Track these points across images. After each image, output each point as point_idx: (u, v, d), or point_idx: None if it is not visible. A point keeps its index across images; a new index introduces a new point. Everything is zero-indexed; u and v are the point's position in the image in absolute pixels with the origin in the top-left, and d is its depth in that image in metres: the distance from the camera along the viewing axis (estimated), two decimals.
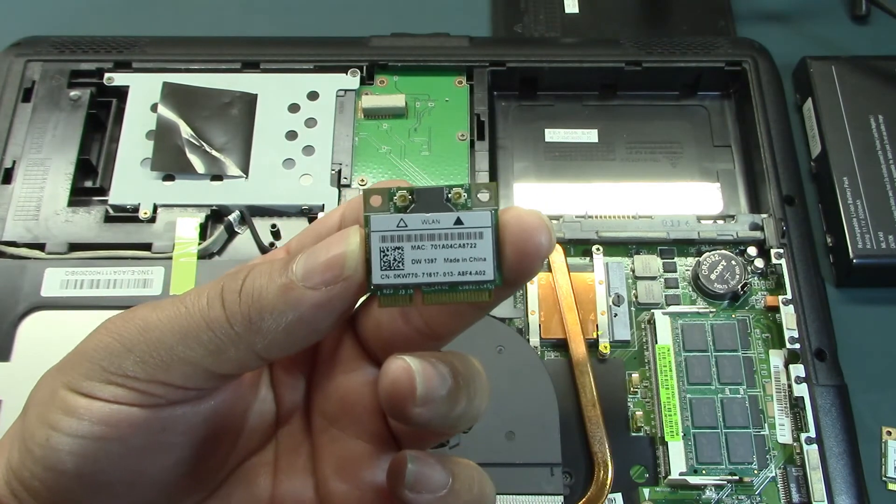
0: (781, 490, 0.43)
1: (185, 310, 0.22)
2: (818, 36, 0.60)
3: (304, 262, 0.21)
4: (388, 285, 0.21)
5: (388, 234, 0.21)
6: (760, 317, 0.47)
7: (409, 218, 0.21)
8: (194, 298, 0.22)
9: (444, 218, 0.21)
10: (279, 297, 0.21)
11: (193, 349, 0.22)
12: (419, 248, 0.21)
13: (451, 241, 0.21)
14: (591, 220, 0.49)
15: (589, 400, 0.44)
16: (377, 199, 0.22)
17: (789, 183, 0.50)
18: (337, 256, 0.21)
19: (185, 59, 0.54)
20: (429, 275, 0.21)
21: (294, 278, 0.21)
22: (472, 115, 0.53)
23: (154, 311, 0.22)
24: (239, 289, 0.22)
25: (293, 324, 0.21)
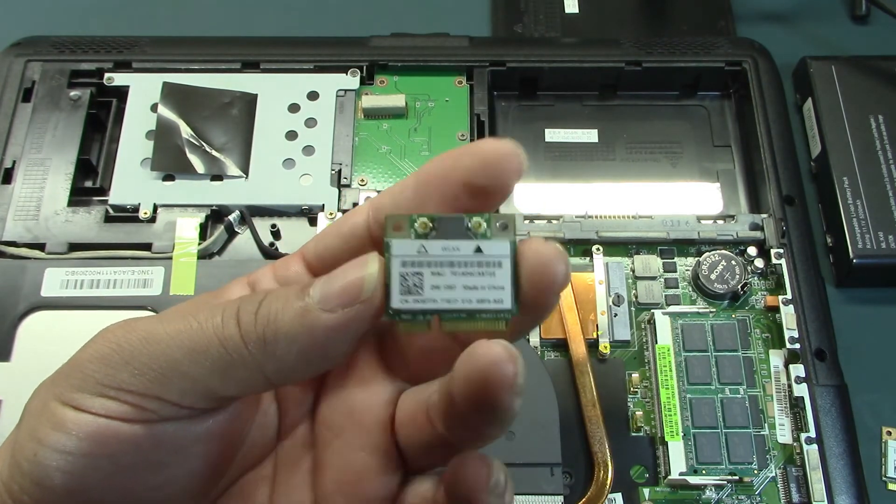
0: (781, 490, 0.43)
1: (196, 325, 0.21)
2: (818, 36, 0.60)
3: (322, 286, 0.21)
4: (407, 310, 0.21)
5: (409, 260, 0.22)
6: (760, 317, 0.47)
7: (429, 244, 0.22)
8: (208, 315, 0.21)
9: (464, 245, 0.22)
10: (295, 319, 0.21)
11: (201, 366, 0.21)
12: (439, 274, 0.21)
13: (470, 269, 0.21)
14: (591, 220, 0.49)
15: (589, 400, 0.44)
16: (399, 224, 0.22)
17: (789, 183, 0.50)
18: (355, 280, 0.21)
19: (185, 59, 0.54)
20: (447, 301, 0.21)
21: (311, 301, 0.21)
22: (472, 115, 0.53)
23: (161, 323, 0.22)
24: (255, 310, 0.21)
25: (307, 348, 0.21)
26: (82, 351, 0.22)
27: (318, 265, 0.24)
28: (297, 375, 0.22)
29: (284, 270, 0.25)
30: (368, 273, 0.21)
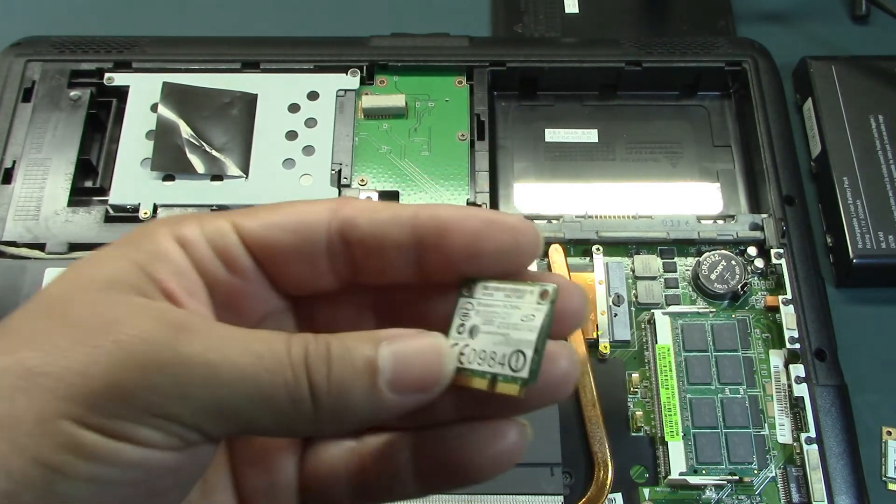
0: (781, 490, 0.43)
1: (267, 376, 0.20)
2: (818, 36, 0.60)
3: (394, 365, 0.20)
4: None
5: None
6: (760, 317, 0.47)
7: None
8: (275, 362, 0.20)
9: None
10: (365, 396, 0.20)
11: (259, 411, 0.20)
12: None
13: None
14: (591, 220, 0.49)
15: (589, 400, 0.44)
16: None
17: (789, 183, 0.50)
18: (434, 372, 0.21)
19: (185, 59, 0.54)
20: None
21: (382, 381, 0.20)
22: (472, 115, 0.53)
23: (220, 353, 0.19)
24: (327, 373, 0.20)
25: (365, 422, 0.21)
26: (108, 365, 0.19)
27: (261, 253, 0.23)
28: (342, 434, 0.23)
29: (219, 238, 0.22)
30: (446, 367, 0.21)
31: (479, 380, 0.21)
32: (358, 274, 0.23)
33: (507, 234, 0.21)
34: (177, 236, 0.22)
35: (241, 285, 0.23)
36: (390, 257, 0.22)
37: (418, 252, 0.22)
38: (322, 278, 0.23)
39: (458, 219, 0.21)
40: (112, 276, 0.21)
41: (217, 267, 0.22)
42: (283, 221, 0.22)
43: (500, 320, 0.21)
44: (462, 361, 0.21)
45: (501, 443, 0.22)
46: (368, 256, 0.22)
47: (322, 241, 0.22)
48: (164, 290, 0.21)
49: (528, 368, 0.20)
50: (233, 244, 0.22)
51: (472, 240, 0.21)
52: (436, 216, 0.22)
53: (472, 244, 0.21)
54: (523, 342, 0.21)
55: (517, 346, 0.21)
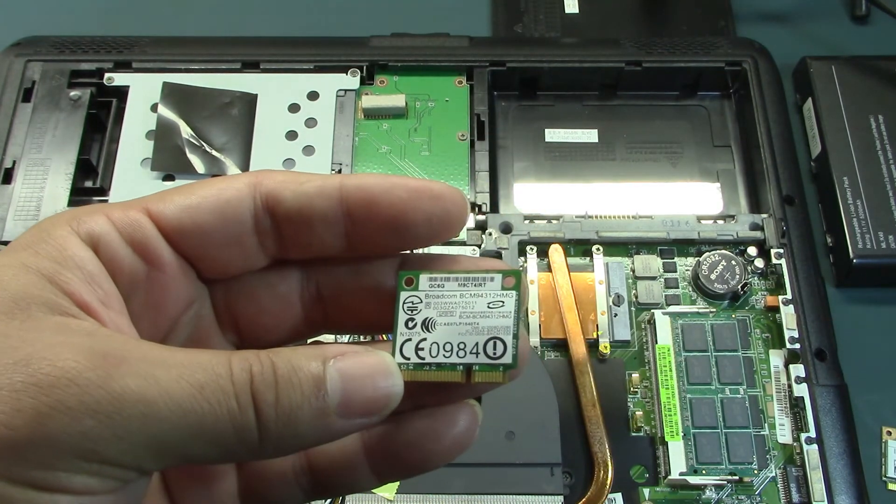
0: (781, 490, 0.43)
1: (208, 406, 0.18)
2: (818, 36, 0.60)
3: (342, 388, 0.19)
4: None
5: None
6: (760, 317, 0.47)
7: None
8: (217, 392, 0.18)
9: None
10: (313, 422, 0.19)
11: (205, 451, 0.18)
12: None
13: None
14: (591, 220, 0.49)
15: (589, 400, 0.44)
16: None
17: (789, 183, 0.50)
18: (383, 395, 0.20)
19: (185, 59, 0.54)
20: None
21: (330, 405, 0.19)
22: (472, 115, 0.53)
23: (156, 386, 0.18)
24: (275, 400, 0.19)
25: (309, 446, 0.20)
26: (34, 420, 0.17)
27: (182, 241, 0.21)
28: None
29: (134, 231, 0.21)
30: (395, 389, 0.20)
31: (451, 373, 0.20)
32: (285, 249, 0.22)
33: (434, 202, 0.21)
34: (84, 235, 0.20)
35: (161, 279, 0.21)
36: (318, 231, 0.21)
37: (347, 224, 0.21)
38: (250, 258, 0.22)
39: (385, 189, 0.21)
40: (17, 294, 0.18)
41: (134, 263, 0.21)
42: (202, 203, 0.21)
43: (461, 311, 0.21)
44: (422, 357, 0.21)
45: (456, 428, 0.22)
46: (296, 231, 0.21)
47: (247, 220, 0.21)
48: (77, 303, 0.19)
49: (511, 354, 0.20)
50: (150, 236, 0.21)
51: (400, 210, 0.21)
52: (362, 186, 0.21)
53: (400, 214, 0.21)
54: (499, 329, 0.20)
55: (492, 334, 0.20)
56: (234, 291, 0.23)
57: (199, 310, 0.23)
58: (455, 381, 0.20)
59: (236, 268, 0.22)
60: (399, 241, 0.21)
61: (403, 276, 0.22)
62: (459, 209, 0.21)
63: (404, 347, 0.21)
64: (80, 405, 0.17)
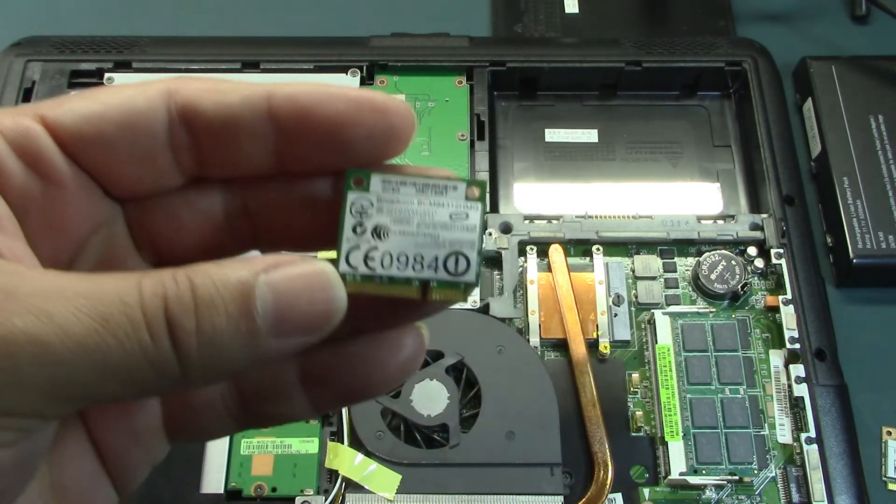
0: (781, 490, 0.43)
1: (113, 341, 0.16)
2: (818, 36, 0.60)
3: (274, 305, 0.17)
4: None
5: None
6: (760, 317, 0.47)
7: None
8: (124, 322, 0.16)
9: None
10: (241, 347, 0.17)
11: (117, 390, 0.16)
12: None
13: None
14: (591, 220, 0.49)
15: (589, 400, 0.44)
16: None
17: (789, 183, 0.50)
18: (322, 312, 0.17)
19: (185, 59, 0.54)
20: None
21: (260, 325, 0.16)
22: (472, 115, 0.53)
23: (50, 324, 0.15)
24: (194, 325, 0.16)
25: (240, 371, 0.17)
26: None
27: (82, 153, 0.19)
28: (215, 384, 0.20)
29: (25, 141, 0.18)
30: (337, 304, 0.17)
31: (404, 287, 0.18)
32: (205, 167, 0.20)
33: (377, 115, 0.18)
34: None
35: (60, 198, 0.19)
36: (243, 147, 0.19)
37: (277, 140, 0.19)
38: (163, 176, 0.19)
39: (320, 100, 0.18)
40: None
41: (26, 179, 0.18)
42: (106, 111, 0.18)
43: (419, 219, 0.18)
44: (372, 267, 0.18)
45: (401, 353, 0.20)
46: (217, 146, 0.19)
47: (160, 132, 0.18)
48: None
49: (474, 271, 0.18)
50: (45, 147, 0.18)
51: (337, 124, 0.18)
52: (293, 97, 0.18)
53: (338, 129, 0.18)
54: (462, 243, 0.18)
55: (454, 248, 0.18)
56: (149, 209, 0.20)
57: (110, 230, 0.20)
58: (409, 296, 0.18)
59: (147, 186, 0.20)
60: (336, 158, 0.19)
61: (352, 174, 0.19)
62: (405, 123, 0.19)
63: (351, 255, 0.18)
64: None
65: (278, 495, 0.42)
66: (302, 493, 0.42)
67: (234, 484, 0.42)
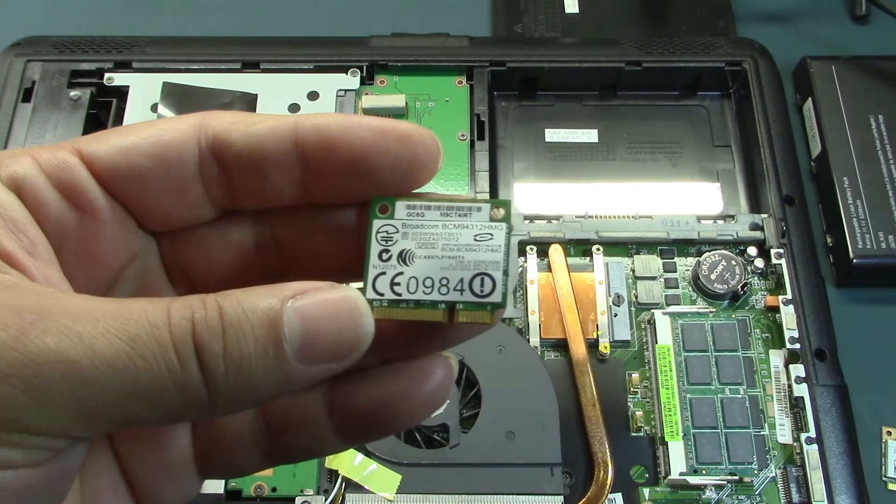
0: (781, 490, 0.43)
1: (143, 363, 0.16)
2: (818, 36, 0.60)
3: (302, 331, 0.17)
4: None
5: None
6: (760, 317, 0.47)
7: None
8: (152, 345, 0.16)
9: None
10: (268, 372, 0.17)
11: (146, 412, 0.16)
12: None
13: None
14: (591, 220, 0.49)
15: (589, 400, 0.44)
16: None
17: (789, 183, 0.50)
18: (350, 339, 0.17)
19: (185, 59, 0.54)
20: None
21: (288, 352, 0.17)
22: (472, 115, 0.53)
23: (79, 344, 0.16)
24: (222, 350, 0.16)
25: (268, 398, 0.18)
26: None
27: (117, 186, 0.19)
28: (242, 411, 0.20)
29: (62, 173, 0.18)
30: (364, 329, 0.17)
31: (431, 311, 0.18)
32: (235, 198, 0.20)
33: (400, 144, 0.19)
34: (7, 178, 0.18)
35: (95, 228, 0.19)
36: (271, 177, 0.19)
37: (303, 170, 0.19)
38: (195, 208, 0.20)
39: (345, 130, 0.18)
40: None
41: (65, 210, 0.19)
42: (139, 144, 0.19)
43: (444, 242, 0.18)
44: (398, 292, 0.18)
45: (429, 384, 0.19)
46: (246, 178, 0.19)
47: (191, 164, 0.19)
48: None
49: (500, 292, 0.18)
50: (81, 179, 0.18)
51: (362, 153, 0.19)
52: (319, 127, 0.19)
53: (363, 158, 0.19)
54: (488, 264, 0.18)
55: (479, 269, 0.18)
56: (182, 242, 0.21)
57: (144, 262, 0.21)
58: (436, 320, 0.18)
59: (180, 218, 0.20)
60: (361, 188, 0.19)
61: (377, 202, 0.19)
62: (429, 152, 0.19)
63: (377, 282, 0.18)
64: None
65: (278, 495, 0.42)
66: (302, 493, 0.42)
67: (234, 484, 0.42)
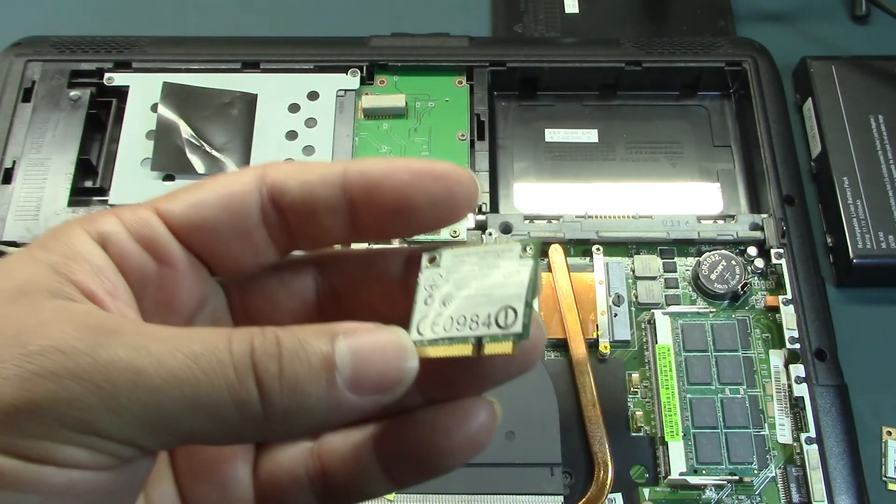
0: (781, 490, 0.43)
1: (203, 377, 0.17)
2: (818, 36, 0.60)
3: (353, 363, 0.18)
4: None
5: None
6: (760, 317, 0.47)
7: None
8: (213, 362, 0.18)
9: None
10: (322, 399, 0.18)
11: (204, 426, 0.18)
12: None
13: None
14: (591, 220, 0.49)
15: (589, 400, 0.44)
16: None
17: (789, 183, 0.50)
18: (396, 373, 0.19)
19: (185, 59, 0.54)
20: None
21: (340, 380, 0.18)
22: (472, 115, 0.53)
23: (147, 356, 0.17)
24: (278, 371, 0.18)
25: (320, 425, 0.19)
26: (19, 385, 0.17)
27: (191, 237, 0.21)
28: (286, 440, 0.22)
29: (142, 228, 0.21)
30: (409, 366, 0.19)
31: (462, 346, 0.19)
32: (295, 240, 0.22)
33: (438, 183, 0.20)
34: (94, 233, 0.20)
35: (172, 276, 0.21)
36: (323, 220, 0.21)
37: (351, 212, 0.21)
38: (261, 253, 0.22)
39: (387, 172, 0.20)
40: (22, 283, 0.18)
41: (145, 261, 0.21)
42: (209, 198, 0.21)
43: (477, 283, 0.20)
44: (436, 332, 0.19)
45: (472, 423, 0.21)
46: (302, 221, 0.21)
47: (255, 213, 0.21)
48: (83, 292, 0.19)
49: (521, 322, 0.19)
50: (159, 234, 0.21)
51: (403, 194, 0.20)
52: (364, 172, 0.20)
53: (403, 197, 0.20)
54: (512, 297, 0.19)
55: (505, 303, 0.19)
56: (249, 291, 0.23)
57: (214, 310, 0.23)
58: (466, 354, 0.19)
59: (248, 263, 0.22)
60: (404, 226, 0.21)
61: (427, 255, 0.21)
62: (465, 189, 0.20)
63: (421, 325, 0.20)
64: (65, 371, 0.17)
65: None
66: None
67: None
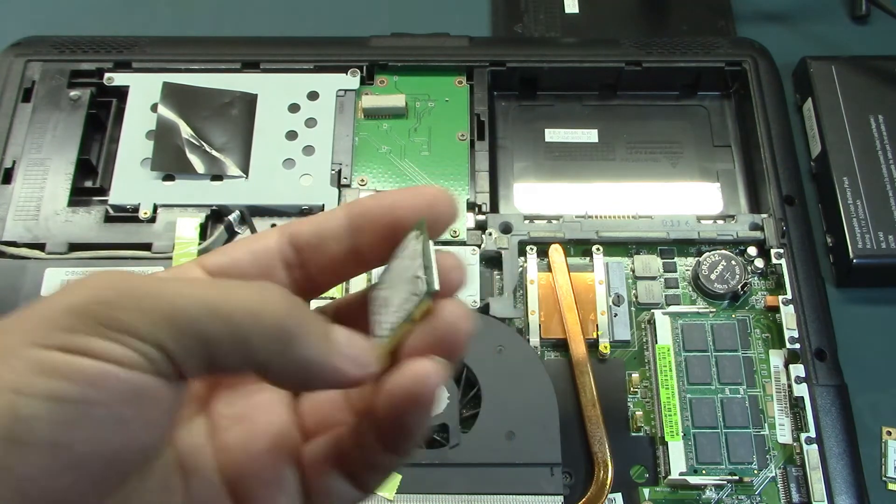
0: (781, 490, 0.43)
1: (227, 288, 0.21)
2: (818, 36, 0.60)
3: (348, 343, 0.22)
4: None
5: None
6: (760, 317, 0.47)
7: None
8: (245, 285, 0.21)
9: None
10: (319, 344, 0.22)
11: (218, 332, 0.20)
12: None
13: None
14: (591, 220, 0.49)
15: (589, 400, 0.44)
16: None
17: (789, 183, 0.50)
18: (363, 364, 0.22)
19: (185, 59, 0.54)
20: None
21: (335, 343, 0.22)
22: (472, 115, 0.53)
23: (179, 279, 0.22)
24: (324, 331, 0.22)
25: (322, 386, 0.22)
26: (66, 296, 0.20)
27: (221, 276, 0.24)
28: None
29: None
30: (369, 369, 0.22)
31: (403, 326, 0.22)
32: (310, 274, 0.25)
33: (420, 198, 0.23)
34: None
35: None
36: (330, 247, 0.24)
37: (353, 237, 0.24)
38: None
39: (378, 199, 0.24)
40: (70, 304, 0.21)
41: None
42: (240, 247, 0.24)
43: (397, 275, 0.23)
44: (386, 332, 0.22)
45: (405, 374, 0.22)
46: (314, 253, 0.24)
47: (276, 253, 0.24)
48: None
49: (426, 281, 0.22)
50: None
51: (390, 209, 0.24)
52: (360, 202, 0.24)
53: (390, 212, 0.24)
54: (416, 268, 0.22)
55: (414, 275, 0.22)
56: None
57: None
58: (409, 332, 0.22)
59: None
60: (396, 239, 0.24)
61: (371, 285, 0.24)
62: (445, 202, 0.23)
63: (376, 328, 0.23)
64: (102, 283, 0.20)
65: None
66: None
67: None
